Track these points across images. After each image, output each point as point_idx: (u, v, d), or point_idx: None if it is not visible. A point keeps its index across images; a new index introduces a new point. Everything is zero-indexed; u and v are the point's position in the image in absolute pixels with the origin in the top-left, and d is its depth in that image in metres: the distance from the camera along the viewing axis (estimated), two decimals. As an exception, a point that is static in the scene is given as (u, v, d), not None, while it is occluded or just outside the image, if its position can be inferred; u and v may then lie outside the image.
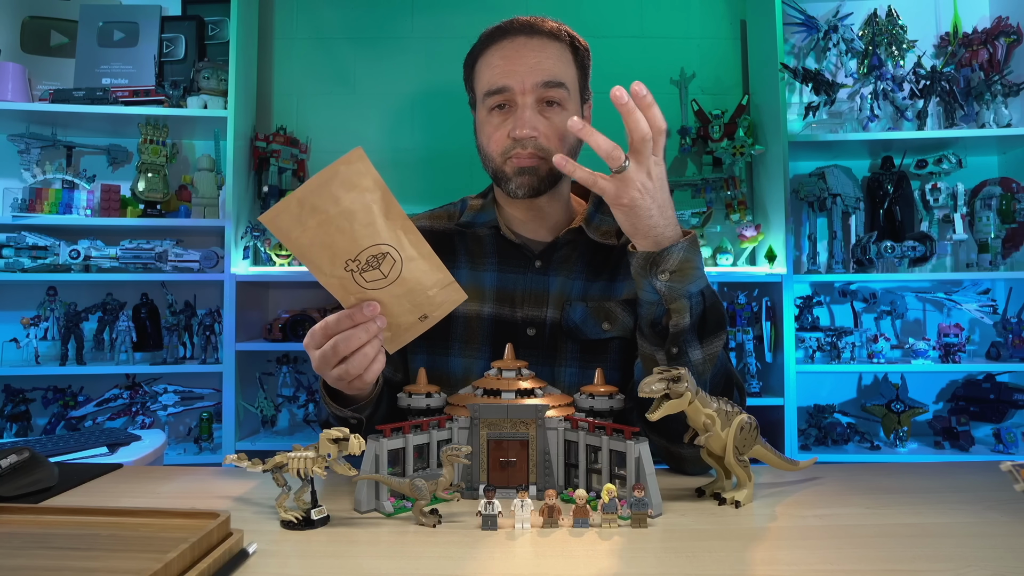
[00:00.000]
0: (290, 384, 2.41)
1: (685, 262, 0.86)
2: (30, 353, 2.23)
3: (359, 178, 0.77)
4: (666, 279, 0.87)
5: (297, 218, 0.77)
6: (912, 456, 2.22)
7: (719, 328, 0.92)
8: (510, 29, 1.05)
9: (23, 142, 2.33)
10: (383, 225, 0.79)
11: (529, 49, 1.03)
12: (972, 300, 2.33)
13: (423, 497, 0.72)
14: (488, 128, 1.06)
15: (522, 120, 1.01)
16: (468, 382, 0.94)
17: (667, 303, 0.89)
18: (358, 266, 0.80)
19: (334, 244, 0.78)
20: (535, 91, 1.01)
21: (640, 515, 0.71)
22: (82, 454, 1.40)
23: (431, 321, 0.86)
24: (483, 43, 1.08)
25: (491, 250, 1.12)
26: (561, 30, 1.07)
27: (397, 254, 0.80)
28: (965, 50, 2.41)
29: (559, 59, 1.04)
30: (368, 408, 0.95)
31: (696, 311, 0.89)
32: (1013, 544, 0.67)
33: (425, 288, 0.83)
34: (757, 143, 2.42)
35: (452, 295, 0.85)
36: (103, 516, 0.68)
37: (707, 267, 2.33)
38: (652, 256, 0.87)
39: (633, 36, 2.57)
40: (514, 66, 1.02)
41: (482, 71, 1.07)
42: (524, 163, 1.03)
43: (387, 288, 0.81)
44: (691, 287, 0.88)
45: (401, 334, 0.86)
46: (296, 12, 2.59)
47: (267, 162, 2.40)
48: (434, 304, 0.84)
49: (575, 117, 0.82)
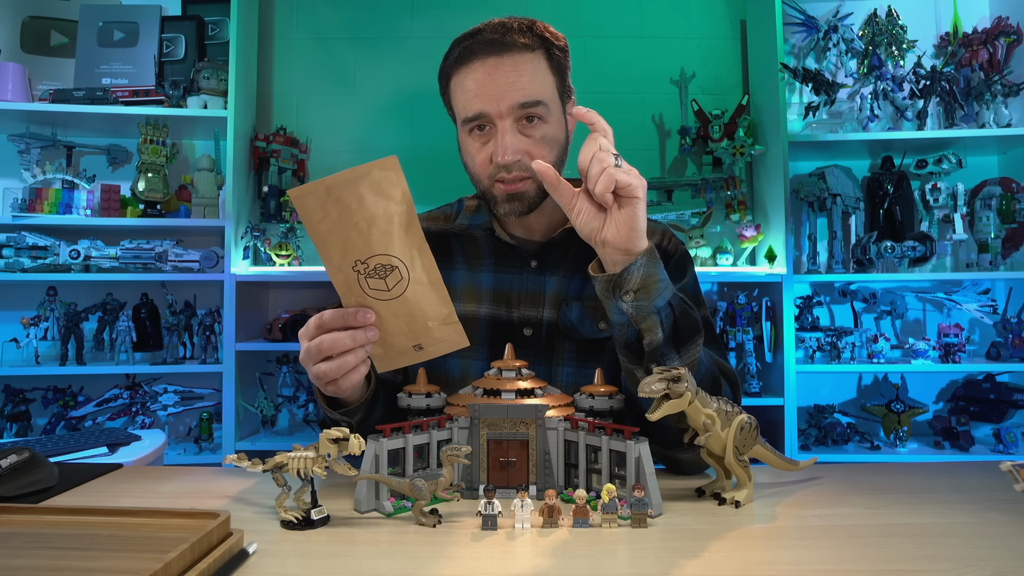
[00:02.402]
0: (290, 384, 2.41)
1: (647, 277, 0.84)
2: (30, 353, 2.23)
3: (389, 186, 0.77)
4: (631, 299, 0.85)
5: (322, 204, 0.77)
6: (912, 456, 2.22)
7: (694, 333, 0.90)
8: (478, 50, 0.99)
9: (23, 142, 2.33)
10: (400, 239, 0.79)
11: (501, 71, 0.97)
12: (972, 300, 2.33)
13: (423, 497, 0.72)
14: (471, 150, 1.02)
15: (503, 147, 0.97)
16: (466, 383, 0.94)
17: (637, 323, 0.87)
18: (365, 269, 0.79)
19: (349, 240, 0.78)
20: (512, 112, 0.97)
21: (640, 515, 0.71)
22: (82, 454, 1.40)
23: (425, 355, 0.84)
24: (454, 60, 1.02)
25: (487, 251, 1.12)
26: (533, 39, 0.99)
27: (406, 271, 0.79)
28: (965, 50, 2.41)
29: (534, 74, 0.99)
30: (358, 412, 0.94)
31: (667, 323, 0.88)
32: (1013, 544, 0.67)
33: (425, 316, 0.82)
34: (757, 143, 2.42)
35: (453, 336, 0.83)
36: (103, 516, 0.68)
37: (707, 267, 2.36)
38: (613, 278, 0.85)
39: (633, 36, 2.57)
40: (488, 90, 0.97)
41: (456, 94, 1.02)
42: (512, 189, 1.00)
43: (387, 302, 0.81)
44: (658, 301, 0.86)
45: (394, 356, 0.85)
46: (296, 12, 2.59)
47: (267, 162, 2.41)
48: (432, 338, 0.83)
49: (579, 107, 0.83)
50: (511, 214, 1.02)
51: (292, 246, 2.36)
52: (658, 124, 2.56)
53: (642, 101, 2.55)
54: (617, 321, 0.90)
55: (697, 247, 2.37)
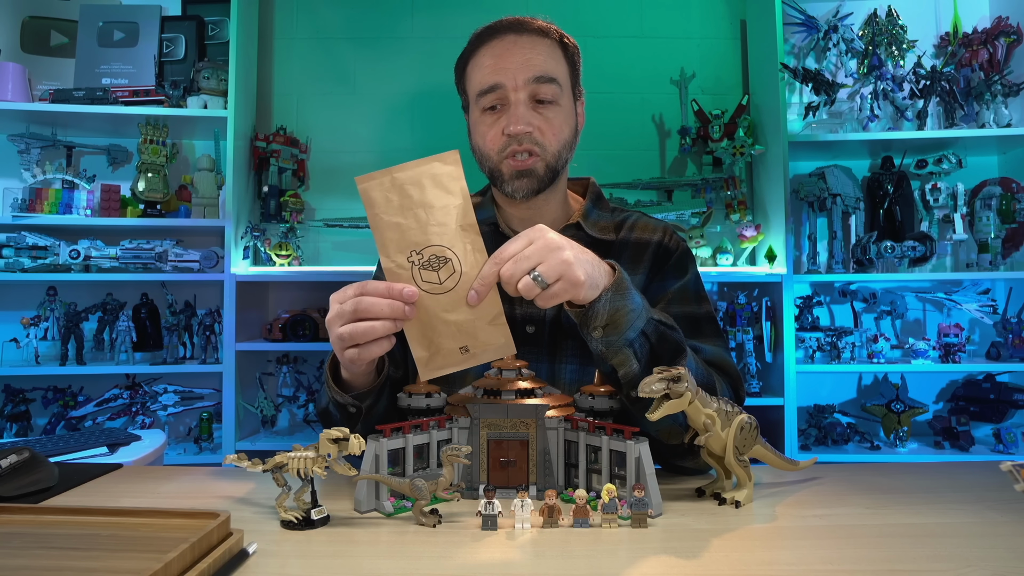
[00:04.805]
0: (290, 384, 2.41)
1: (615, 312, 0.82)
2: (30, 353, 2.23)
3: (449, 181, 0.80)
4: (600, 335, 0.83)
5: (385, 193, 0.79)
6: (912, 456, 2.22)
7: (676, 355, 0.88)
8: (499, 28, 1.05)
9: (23, 142, 2.33)
10: (455, 231, 0.80)
11: (519, 46, 1.02)
12: (972, 300, 2.33)
13: (423, 497, 0.72)
14: (482, 128, 1.05)
15: (516, 116, 1.00)
16: (465, 378, 0.94)
17: (607, 359, 0.85)
18: (419, 260, 0.79)
19: (406, 228, 0.79)
20: (527, 87, 1.01)
21: (640, 515, 0.71)
22: (82, 454, 1.40)
23: (472, 359, 0.80)
24: (472, 45, 1.07)
25: (490, 247, 1.12)
26: (550, 28, 1.06)
27: (459, 265, 0.79)
28: (965, 50, 2.41)
29: (549, 55, 1.04)
30: (369, 398, 0.94)
31: (642, 353, 0.86)
32: (1013, 544, 0.67)
33: (475, 315, 0.79)
34: (757, 143, 2.42)
35: (500, 339, 0.80)
36: (103, 516, 0.68)
37: (707, 267, 2.36)
38: (579, 316, 0.83)
39: (633, 36, 2.57)
40: (505, 63, 1.02)
41: (473, 72, 1.06)
42: (521, 166, 1.02)
43: (438, 297, 0.79)
44: (628, 334, 0.84)
45: (439, 360, 0.81)
46: (296, 12, 2.59)
47: (267, 162, 2.40)
48: (479, 339, 0.80)
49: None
50: (519, 192, 1.03)
51: (292, 246, 2.36)
52: (658, 124, 2.56)
53: (642, 101, 2.54)
54: (593, 349, 0.87)
55: (697, 247, 2.37)
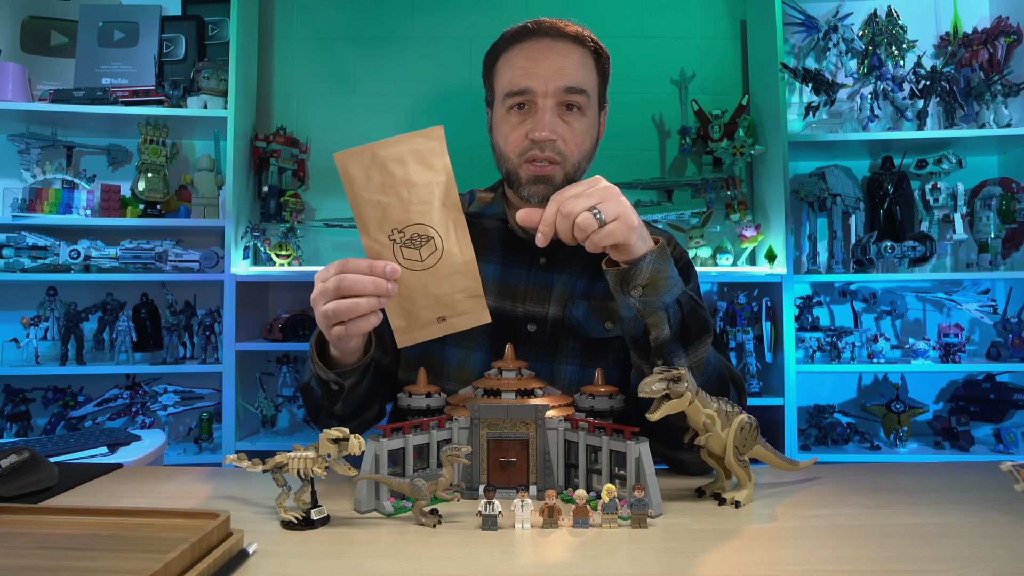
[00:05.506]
0: (290, 384, 2.41)
1: (656, 274, 0.86)
2: (30, 353, 2.23)
3: (432, 156, 0.79)
4: (639, 294, 0.86)
5: (365, 169, 0.78)
6: (912, 456, 2.22)
7: (703, 333, 0.91)
8: (536, 30, 1.03)
9: (23, 142, 2.33)
10: (438, 210, 0.79)
11: (554, 52, 1.02)
12: (972, 300, 2.33)
13: (423, 497, 0.72)
14: (506, 128, 1.05)
15: (542, 122, 1.00)
16: (463, 373, 0.94)
17: (643, 318, 0.88)
18: (401, 239, 0.80)
19: (388, 207, 0.79)
20: (556, 95, 1.00)
21: (640, 515, 0.71)
22: (82, 454, 1.39)
23: (448, 327, 0.84)
24: (507, 41, 1.06)
25: (496, 243, 1.13)
26: (586, 35, 1.05)
27: (440, 243, 0.80)
28: (965, 50, 2.41)
29: (582, 65, 1.03)
30: (352, 376, 0.95)
31: (674, 320, 0.89)
32: (1013, 544, 0.67)
33: (454, 288, 0.82)
34: (757, 143, 2.42)
35: (476, 309, 0.83)
36: (103, 516, 0.68)
37: (707, 267, 2.36)
38: (622, 273, 0.86)
39: (633, 36, 2.57)
40: (537, 68, 1.01)
41: (503, 70, 1.06)
42: (540, 172, 1.02)
43: (419, 273, 0.81)
44: (666, 298, 0.87)
45: (416, 329, 0.84)
46: (296, 12, 2.59)
47: (267, 162, 2.40)
48: (456, 310, 0.83)
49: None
50: (535, 197, 1.03)
51: (292, 246, 2.36)
52: (658, 124, 2.56)
53: (642, 101, 2.54)
54: (626, 316, 0.91)
55: (697, 247, 2.37)
